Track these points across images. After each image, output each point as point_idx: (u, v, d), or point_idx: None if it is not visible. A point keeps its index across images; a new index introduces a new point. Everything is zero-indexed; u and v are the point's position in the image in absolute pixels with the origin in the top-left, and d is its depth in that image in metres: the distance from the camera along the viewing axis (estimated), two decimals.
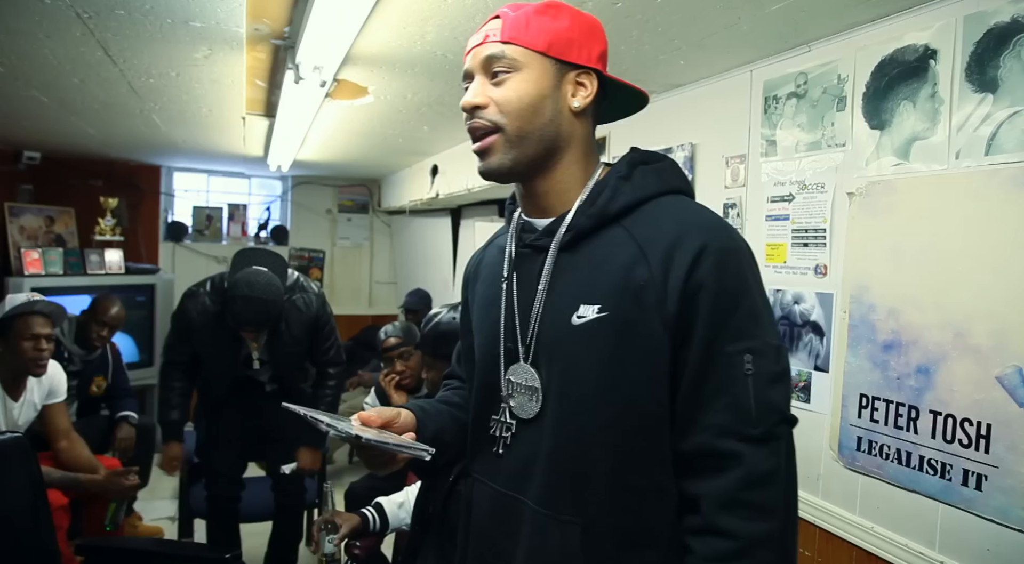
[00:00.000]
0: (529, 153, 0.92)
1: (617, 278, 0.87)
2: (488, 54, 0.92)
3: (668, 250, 0.85)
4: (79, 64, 2.23)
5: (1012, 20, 1.27)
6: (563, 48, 0.91)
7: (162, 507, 3.72)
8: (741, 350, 0.84)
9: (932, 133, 1.43)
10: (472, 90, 0.93)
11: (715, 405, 0.84)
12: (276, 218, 5.93)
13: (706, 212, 0.92)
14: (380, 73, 2.19)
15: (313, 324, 2.77)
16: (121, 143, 4.12)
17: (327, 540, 1.82)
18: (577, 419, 0.88)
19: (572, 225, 0.92)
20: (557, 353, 0.91)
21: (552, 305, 0.92)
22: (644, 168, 0.94)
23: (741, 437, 0.83)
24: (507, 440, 0.96)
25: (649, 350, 0.85)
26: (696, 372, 0.85)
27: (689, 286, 0.84)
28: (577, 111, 0.93)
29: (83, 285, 4.16)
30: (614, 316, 0.86)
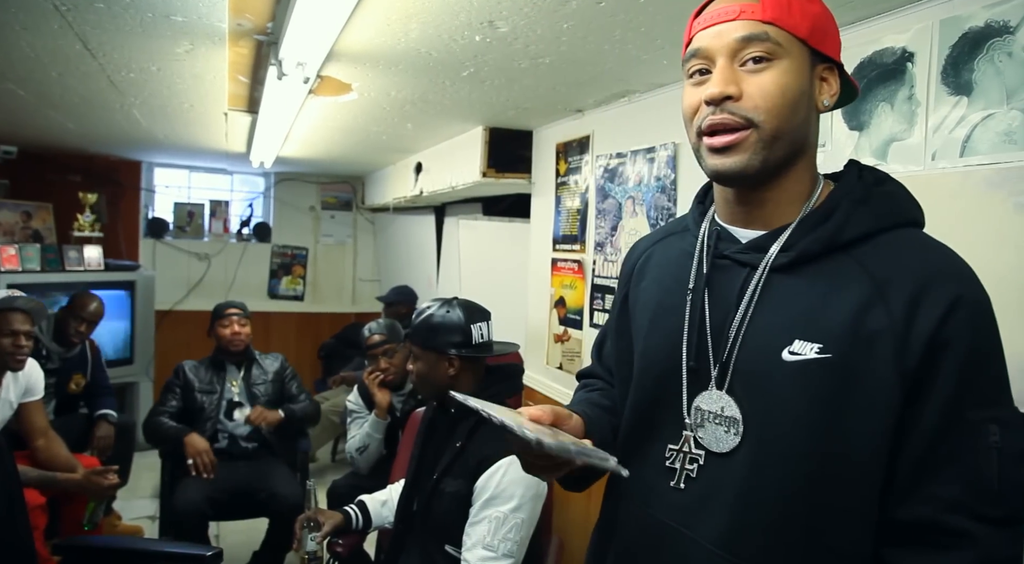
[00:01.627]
0: (779, 156, 0.80)
1: (846, 318, 0.76)
2: (746, 34, 0.78)
3: (915, 295, 0.74)
4: (57, 57, 2.20)
5: (986, 25, 1.30)
6: (821, 37, 0.80)
7: (142, 506, 3.69)
8: (987, 419, 0.74)
9: (909, 135, 1.45)
10: (722, 77, 0.79)
11: (948, 475, 0.74)
12: (259, 215, 5.89)
13: (952, 254, 0.81)
14: (364, 70, 2.18)
15: (282, 364, 3.19)
16: (100, 138, 4.07)
17: (309, 538, 1.82)
18: (780, 463, 0.78)
19: (794, 245, 0.81)
20: (762, 387, 0.80)
21: (757, 332, 0.81)
22: (880, 191, 0.84)
23: (977, 516, 0.72)
24: (691, 473, 0.84)
25: (875, 403, 0.75)
26: (930, 434, 0.74)
27: (937, 340, 0.73)
28: (824, 110, 0.83)
29: (61, 282, 4.11)
30: (837, 360, 0.75)
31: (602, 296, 2.52)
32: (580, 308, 2.67)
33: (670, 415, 0.87)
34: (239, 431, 2.98)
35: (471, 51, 1.93)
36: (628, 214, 2.39)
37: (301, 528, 1.85)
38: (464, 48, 1.91)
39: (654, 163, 2.25)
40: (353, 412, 2.82)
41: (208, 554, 1.93)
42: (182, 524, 2.64)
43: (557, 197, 2.91)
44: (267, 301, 5.78)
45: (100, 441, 3.19)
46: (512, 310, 3.14)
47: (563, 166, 2.87)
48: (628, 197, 2.39)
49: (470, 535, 1.64)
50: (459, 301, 1.87)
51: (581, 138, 2.70)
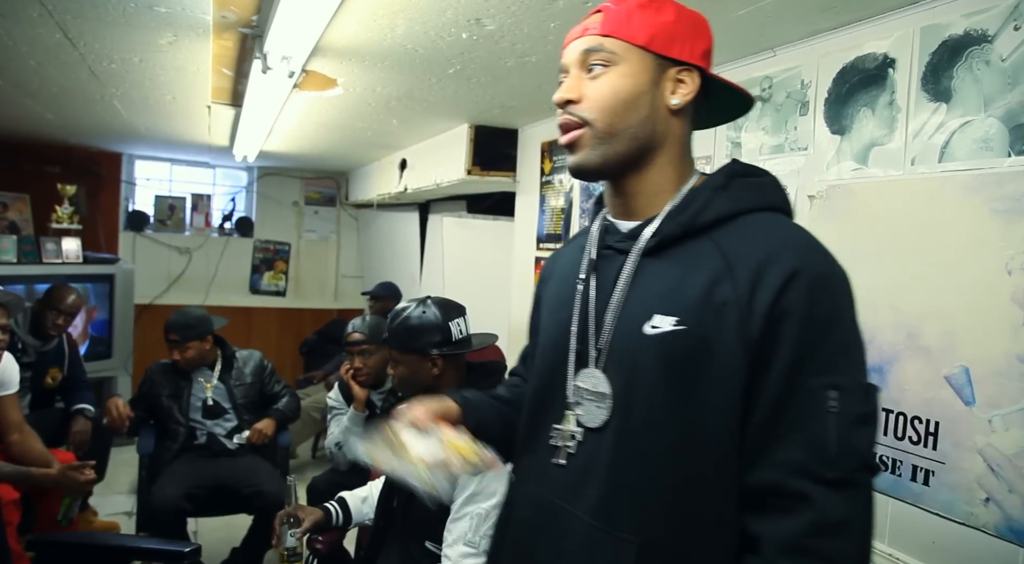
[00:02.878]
0: (620, 150, 0.88)
1: (699, 292, 0.82)
2: (585, 47, 0.88)
3: (757, 269, 0.80)
4: (36, 46, 2.17)
5: (965, 33, 1.32)
6: (665, 43, 0.87)
7: (119, 502, 3.64)
8: (826, 384, 0.77)
9: (889, 140, 1.47)
10: (565, 84, 0.90)
11: (790, 440, 0.78)
12: (241, 209, 5.84)
13: (803, 233, 0.86)
14: (350, 65, 2.17)
15: (260, 362, 3.10)
16: (80, 129, 4.02)
17: (289, 534, 1.81)
18: (643, 433, 0.84)
19: (659, 230, 0.88)
20: (627, 361, 0.86)
21: (628, 311, 0.87)
22: (742, 180, 0.90)
23: (815, 478, 0.76)
24: (571, 449, 0.90)
25: (724, 372, 0.80)
26: (773, 402, 0.79)
27: (776, 310, 0.78)
28: (675, 109, 0.89)
29: (38, 274, 4.05)
30: (691, 331, 0.81)
31: None
32: None
33: (558, 397, 0.93)
34: (218, 429, 2.95)
35: (457, 48, 1.93)
36: None
37: (281, 524, 1.84)
38: (450, 45, 1.90)
39: None
40: (333, 409, 2.80)
41: (186, 550, 1.92)
42: (159, 520, 2.61)
43: (541, 196, 2.91)
44: (249, 296, 5.74)
45: (77, 436, 3.15)
46: (495, 308, 3.14)
47: (548, 165, 2.87)
48: None
49: (451, 531, 1.64)
50: (433, 299, 1.87)
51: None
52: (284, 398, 3.09)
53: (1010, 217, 1.24)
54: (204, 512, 2.91)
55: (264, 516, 2.75)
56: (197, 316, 2.96)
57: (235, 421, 2.98)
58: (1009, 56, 1.25)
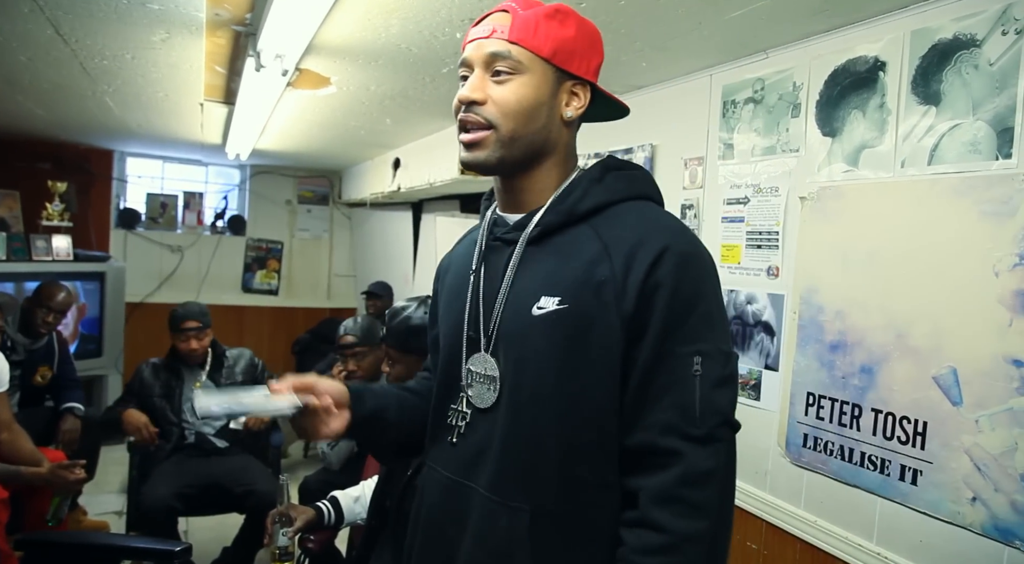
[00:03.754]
0: (516, 155, 0.93)
1: (579, 273, 0.89)
2: (493, 50, 0.92)
3: (631, 250, 0.88)
4: (27, 42, 2.16)
5: (954, 37, 1.33)
6: (566, 57, 0.92)
7: (109, 501, 3.63)
8: (691, 352, 0.86)
9: (880, 142, 1.49)
10: (471, 84, 0.93)
11: (661, 403, 0.86)
12: (233, 207, 5.82)
13: (671, 218, 0.95)
14: (343, 64, 2.17)
15: (251, 360, 3.11)
16: (71, 125, 3.99)
17: (281, 533, 1.81)
18: (531, 408, 0.90)
19: (541, 221, 0.94)
20: (516, 343, 0.92)
21: (515, 297, 0.93)
22: (616, 173, 0.97)
23: (684, 436, 0.85)
24: (462, 429, 0.97)
25: (604, 345, 0.88)
26: (646, 370, 0.87)
27: (648, 285, 0.86)
28: (568, 120, 0.96)
29: (28, 272, 4.02)
30: (573, 309, 0.88)
31: None
32: None
33: (456, 384, 0.99)
34: (207, 429, 2.94)
35: (451, 48, 1.93)
36: None
37: (273, 523, 1.84)
38: (444, 45, 1.90)
39: None
40: None
41: (177, 549, 1.91)
42: (150, 519, 2.60)
43: None
44: (241, 295, 5.71)
45: (66, 434, 3.13)
46: None
47: None
48: None
49: None
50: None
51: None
52: None
53: (997, 219, 1.26)
54: (195, 511, 2.90)
55: (256, 515, 2.74)
56: (206, 308, 3.07)
57: (224, 419, 2.97)
58: (997, 60, 1.26)
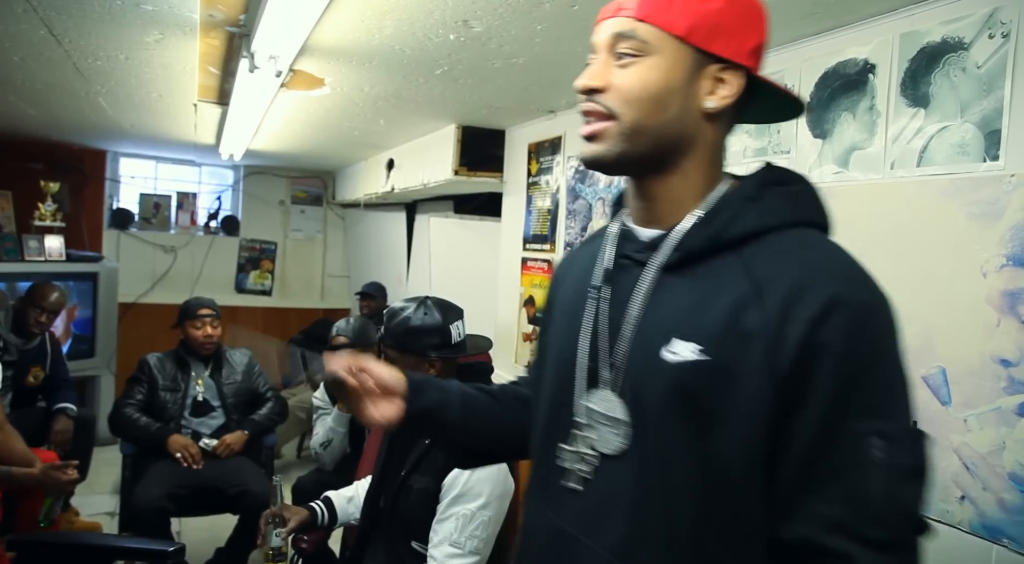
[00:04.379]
0: (640, 150, 0.79)
1: (722, 317, 0.73)
2: (616, 31, 0.79)
3: (790, 296, 0.71)
4: (20, 42, 2.15)
5: (942, 40, 1.35)
6: (707, 35, 0.77)
7: (101, 502, 3.62)
8: (870, 431, 0.68)
9: (870, 144, 1.50)
10: (591, 70, 0.81)
11: (828, 492, 0.69)
12: (227, 208, 5.81)
13: (842, 254, 0.76)
14: (337, 65, 2.17)
15: (250, 361, 3.16)
16: (64, 126, 3.98)
17: (274, 533, 1.81)
18: (662, 467, 0.76)
19: (681, 244, 0.79)
20: (645, 388, 0.78)
21: (644, 331, 0.79)
22: (776, 190, 0.80)
23: (857, 538, 0.67)
24: (585, 474, 0.83)
25: (748, 409, 0.72)
26: (807, 448, 0.70)
27: (810, 344, 0.69)
28: (710, 113, 0.79)
29: (20, 272, 4.01)
30: (713, 361, 0.73)
31: None
32: None
33: (565, 415, 0.86)
34: (203, 428, 2.94)
35: (445, 49, 1.94)
36: (598, 215, 2.42)
37: (266, 524, 1.84)
38: (438, 46, 1.91)
39: None
40: (319, 409, 2.80)
41: (170, 549, 1.91)
42: (143, 520, 2.60)
43: (528, 197, 2.93)
44: (234, 295, 5.70)
45: (58, 435, 3.13)
46: (482, 308, 3.15)
47: (535, 166, 2.89)
48: (598, 198, 2.42)
49: (437, 532, 1.64)
50: (433, 300, 1.86)
51: (553, 139, 2.73)
52: (268, 403, 3.08)
53: (985, 221, 1.27)
54: (188, 512, 2.90)
55: (249, 516, 2.74)
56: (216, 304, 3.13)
57: (223, 419, 2.98)
58: (984, 63, 1.28)
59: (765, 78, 0.81)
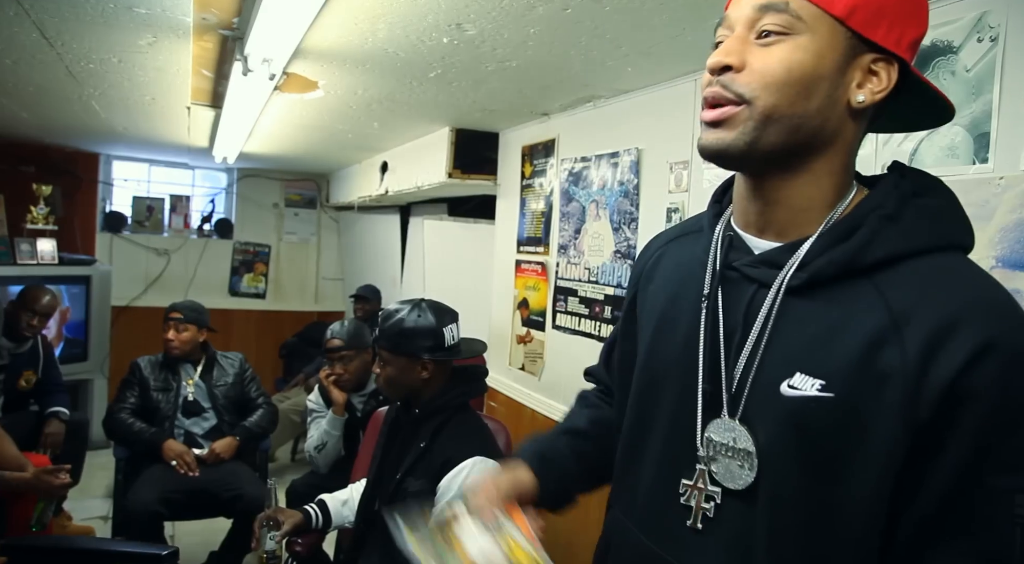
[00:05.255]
0: (774, 141, 0.69)
1: (854, 353, 0.66)
2: (764, 3, 0.68)
3: (935, 335, 0.63)
4: (12, 45, 2.15)
5: (932, 44, 1.36)
6: (868, 19, 0.67)
7: (94, 506, 3.60)
8: (1012, 488, 0.62)
9: (861, 146, 1.51)
10: (727, 46, 0.70)
11: (957, 548, 0.64)
12: (220, 211, 5.80)
13: (995, 288, 0.67)
14: (331, 68, 2.18)
15: (241, 365, 3.14)
16: (57, 128, 3.97)
17: (268, 537, 1.81)
18: (771, 510, 0.70)
19: (807, 265, 0.70)
20: (761, 422, 0.71)
21: (764, 359, 0.72)
22: (918, 205, 0.71)
23: None
24: (709, 513, 0.74)
25: (876, 455, 0.64)
26: (940, 498, 0.64)
27: (956, 391, 0.62)
28: (859, 107, 0.69)
29: (12, 275, 3.99)
30: (840, 400, 0.66)
31: (565, 298, 2.55)
32: (543, 310, 2.70)
33: (687, 445, 0.77)
34: (196, 429, 2.94)
35: (438, 53, 1.94)
36: (591, 217, 2.42)
37: (260, 527, 1.84)
38: (432, 49, 1.92)
39: (618, 168, 2.29)
40: (314, 411, 2.80)
41: (163, 553, 1.90)
42: (136, 524, 2.59)
43: (522, 199, 2.93)
44: (228, 298, 5.69)
45: (50, 439, 3.12)
46: (476, 311, 3.15)
47: (528, 168, 2.89)
48: (592, 201, 2.43)
49: None
50: (428, 303, 1.87)
51: (546, 141, 2.73)
52: (259, 410, 3.08)
53: (975, 223, 1.26)
54: (182, 516, 2.89)
55: (243, 519, 2.74)
56: (201, 308, 3.09)
57: (214, 420, 2.97)
58: (973, 67, 1.29)
59: (922, 76, 0.71)
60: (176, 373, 2.98)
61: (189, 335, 2.98)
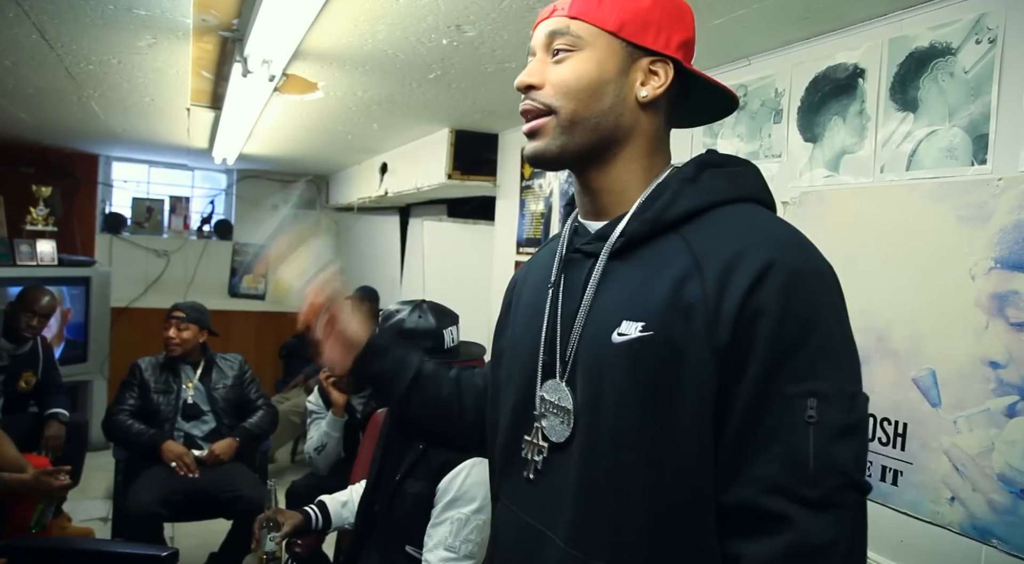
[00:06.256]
0: (580, 141, 0.82)
1: (665, 293, 0.75)
2: (551, 29, 0.83)
3: (727, 266, 0.72)
4: (11, 46, 2.15)
5: (930, 45, 1.36)
6: (637, 30, 0.81)
7: (94, 507, 3.60)
8: (804, 392, 0.70)
9: (860, 148, 1.51)
10: (528, 68, 0.84)
11: (765, 455, 0.70)
12: (220, 212, 5.80)
13: (780, 224, 0.78)
14: (330, 69, 2.18)
15: (241, 366, 3.15)
16: (56, 130, 3.97)
17: (268, 538, 1.81)
18: (611, 450, 0.77)
19: (625, 230, 0.81)
20: (593, 373, 0.80)
21: (595, 319, 0.81)
22: (715, 171, 0.82)
23: (793, 497, 0.69)
24: (539, 465, 0.85)
25: (695, 380, 0.72)
26: (746, 412, 0.71)
27: (746, 310, 0.70)
28: (644, 101, 0.82)
29: (12, 276, 3.99)
30: (658, 336, 0.74)
31: None
32: None
33: (530, 412, 0.88)
34: (196, 432, 2.94)
35: (438, 54, 1.94)
36: None
37: (260, 528, 1.83)
38: (431, 51, 1.92)
39: None
40: (313, 413, 2.80)
41: (163, 554, 1.90)
42: (136, 525, 2.59)
43: (521, 200, 2.93)
44: (228, 300, 5.69)
45: (50, 440, 3.11)
46: (475, 312, 3.14)
47: (528, 170, 2.89)
48: None
49: (432, 536, 1.65)
50: (428, 304, 1.86)
51: None
52: (259, 412, 3.07)
53: (973, 224, 1.28)
54: (182, 517, 2.89)
55: (243, 521, 2.74)
56: (204, 309, 3.11)
57: (213, 423, 2.97)
58: (971, 68, 1.29)
59: (696, 70, 0.84)
60: (177, 375, 2.98)
61: (190, 335, 2.98)
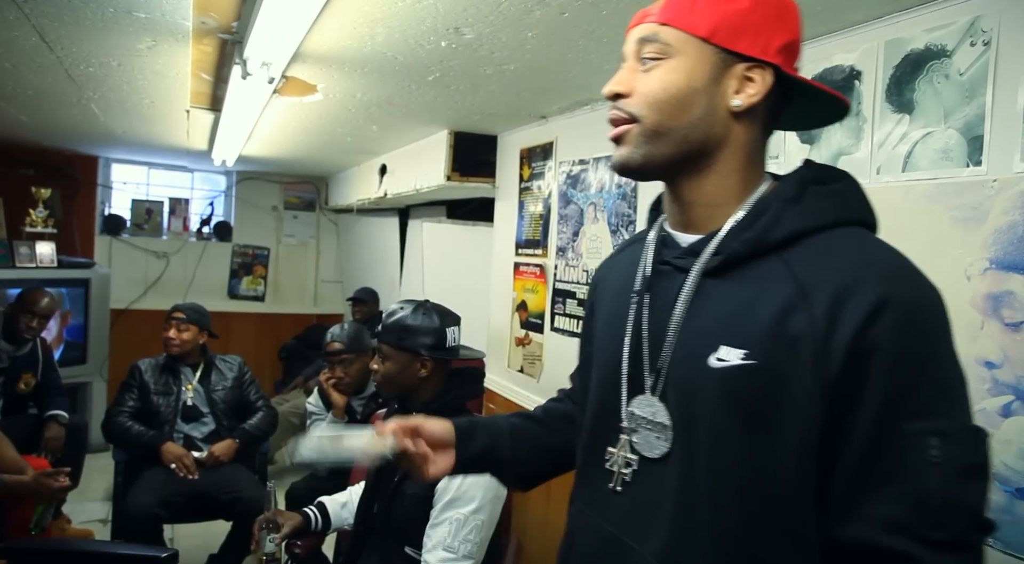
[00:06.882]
0: (667, 152, 0.80)
1: (768, 321, 0.73)
2: (640, 36, 0.81)
3: (836, 298, 0.70)
4: (12, 49, 2.16)
5: (926, 47, 1.37)
6: (731, 35, 0.77)
7: (93, 509, 3.60)
8: (924, 430, 0.68)
9: (856, 149, 1.52)
10: (616, 76, 0.83)
11: (885, 493, 0.69)
12: (219, 214, 5.81)
13: (891, 253, 0.75)
14: (330, 71, 2.18)
15: (240, 368, 3.16)
16: (56, 132, 3.98)
17: (268, 539, 1.81)
18: (709, 473, 0.76)
19: (722, 248, 0.79)
20: (685, 393, 0.79)
21: (688, 338, 0.79)
22: (818, 190, 0.79)
23: (917, 537, 0.67)
24: (627, 477, 0.84)
25: (799, 411, 0.71)
26: (862, 449, 0.70)
27: (860, 347, 0.68)
28: (737, 111, 0.79)
29: (12, 278, 3.99)
30: (761, 366, 0.73)
31: (563, 300, 2.56)
32: (541, 312, 2.70)
33: (612, 421, 0.87)
34: (195, 433, 2.94)
35: (437, 56, 1.95)
36: (589, 220, 2.43)
37: (260, 529, 1.84)
38: (430, 53, 1.92)
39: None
40: (313, 414, 2.81)
41: (163, 556, 1.91)
42: (135, 527, 2.59)
43: (520, 202, 2.94)
44: (227, 301, 5.69)
45: (50, 442, 3.12)
46: (474, 313, 3.16)
47: (527, 171, 2.90)
48: (590, 203, 2.44)
49: (431, 536, 1.65)
50: (431, 305, 1.89)
51: (545, 144, 2.74)
52: (258, 413, 3.08)
53: (968, 225, 1.29)
54: (181, 519, 2.90)
55: (243, 522, 2.75)
56: (204, 310, 3.11)
57: (213, 425, 2.98)
58: (966, 70, 1.30)
59: (798, 75, 0.80)
60: (176, 377, 2.98)
61: (190, 335, 2.99)
